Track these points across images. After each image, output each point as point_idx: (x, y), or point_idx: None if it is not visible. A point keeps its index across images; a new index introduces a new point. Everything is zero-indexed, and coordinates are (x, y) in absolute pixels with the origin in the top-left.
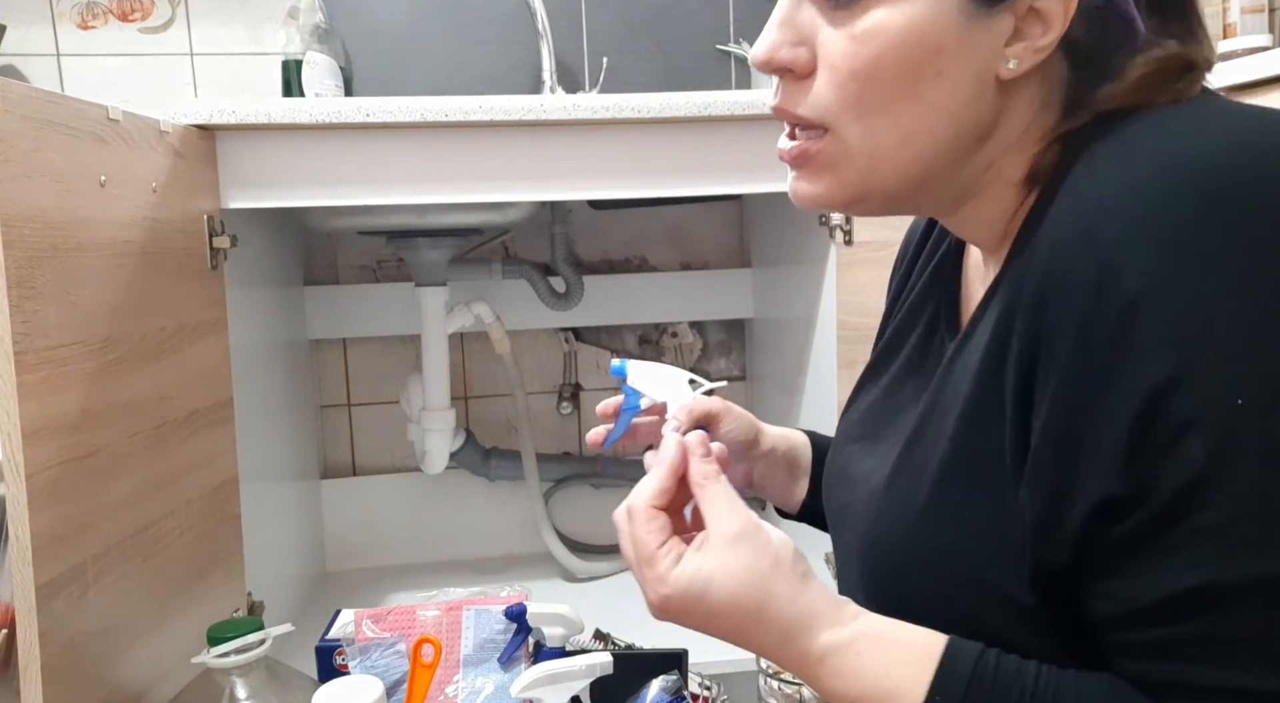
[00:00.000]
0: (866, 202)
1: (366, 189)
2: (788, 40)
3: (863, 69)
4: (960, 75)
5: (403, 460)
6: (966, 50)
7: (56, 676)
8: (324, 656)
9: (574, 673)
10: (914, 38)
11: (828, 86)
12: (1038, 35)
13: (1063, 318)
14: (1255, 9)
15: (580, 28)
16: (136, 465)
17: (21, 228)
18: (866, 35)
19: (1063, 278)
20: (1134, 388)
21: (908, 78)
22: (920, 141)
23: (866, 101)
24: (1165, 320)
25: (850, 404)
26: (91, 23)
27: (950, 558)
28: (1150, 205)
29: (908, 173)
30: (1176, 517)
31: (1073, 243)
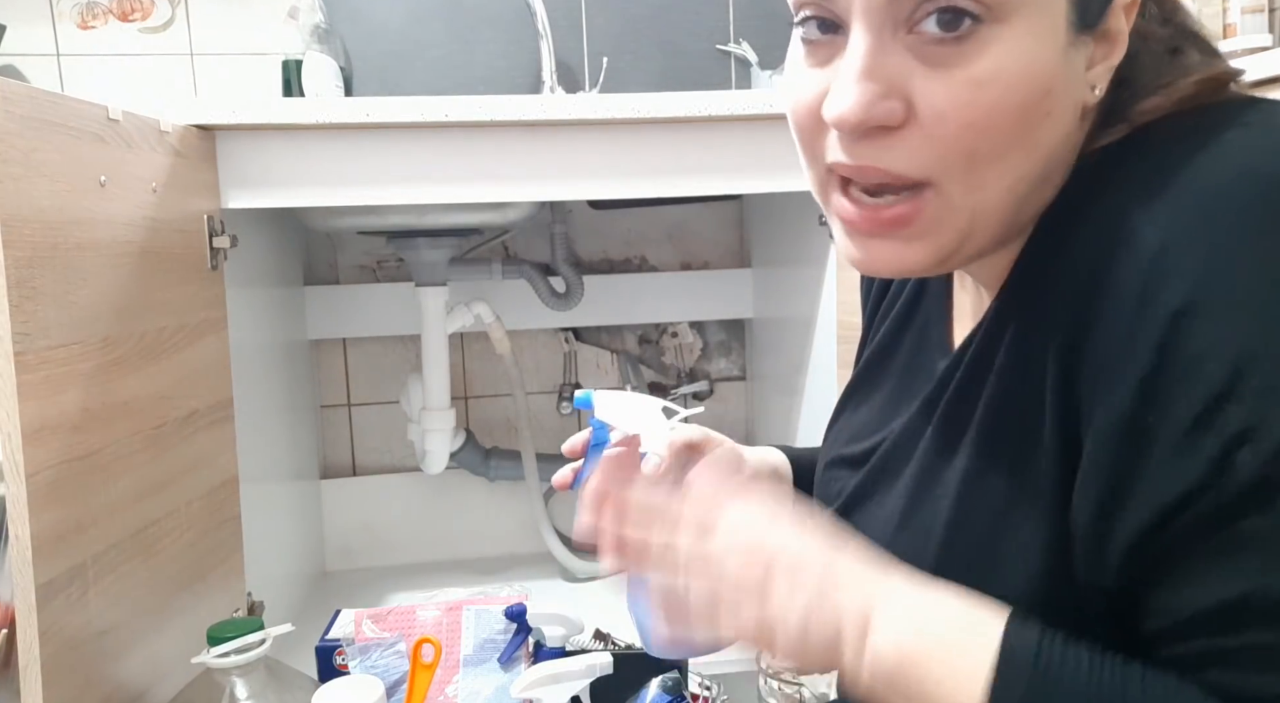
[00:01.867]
0: (954, 259)
1: (366, 189)
2: (879, 92)
3: (981, 119)
4: (1063, 112)
5: (403, 460)
6: (1068, 84)
7: (56, 676)
8: (324, 656)
9: (574, 673)
10: (1030, 80)
11: (933, 140)
12: (1107, 55)
13: (1108, 330)
14: (1255, 9)
15: (580, 28)
16: (136, 465)
17: (21, 228)
18: (982, 82)
19: (1105, 290)
20: (1186, 399)
21: (1023, 123)
22: (1024, 184)
23: (980, 153)
24: (1216, 328)
25: (835, 421)
26: (91, 23)
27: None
28: (1193, 212)
29: (1005, 219)
30: (1224, 526)
31: (1114, 252)
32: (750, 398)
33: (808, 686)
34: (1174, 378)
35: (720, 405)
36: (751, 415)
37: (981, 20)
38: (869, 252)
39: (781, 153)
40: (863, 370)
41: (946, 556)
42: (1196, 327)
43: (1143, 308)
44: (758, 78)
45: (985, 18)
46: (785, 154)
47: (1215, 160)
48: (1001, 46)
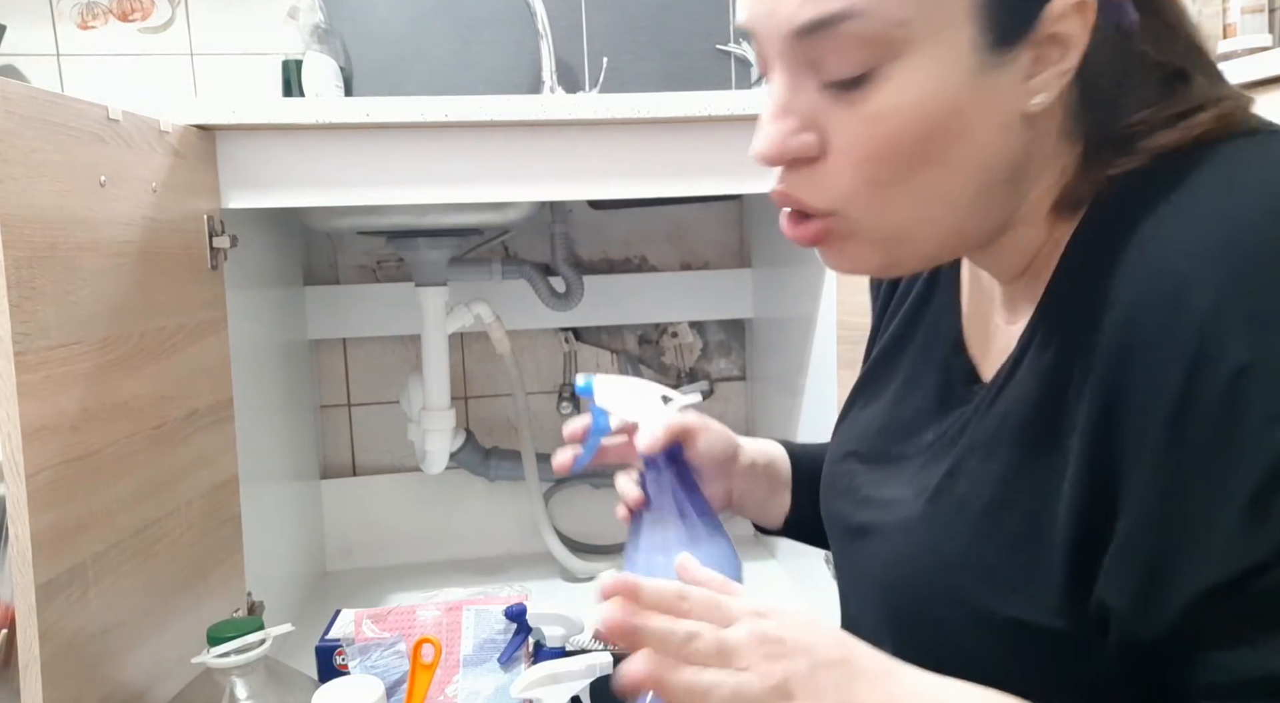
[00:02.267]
0: (902, 264)
1: (366, 189)
2: (791, 128)
3: (881, 150)
4: (983, 128)
5: (403, 460)
6: (986, 101)
7: (56, 676)
8: (324, 656)
9: (574, 673)
10: (930, 107)
11: (841, 172)
12: (1058, 59)
13: (1156, 390)
14: (1255, 9)
15: (580, 28)
16: (136, 465)
17: (21, 228)
18: (880, 115)
19: (1154, 343)
20: (1250, 465)
21: (927, 147)
22: (948, 201)
23: (883, 180)
24: (1276, 391)
25: (845, 416)
26: (91, 23)
27: (984, 613)
28: (1244, 273)
29: (940, 232)
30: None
31: (1161, 307)
32: (750, 398)
33: None
34: (1235, 441)
35: (720, 405)
36: (751, 415)
37: (879, 65)
38: (827, 260)
39: None
40: (873, 366)
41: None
42: (1256, 392)
43: (1200, 373)
44: (758, 78)
45: (881, 62)
46: None
47: (1256, 208)
48: (899, 81)
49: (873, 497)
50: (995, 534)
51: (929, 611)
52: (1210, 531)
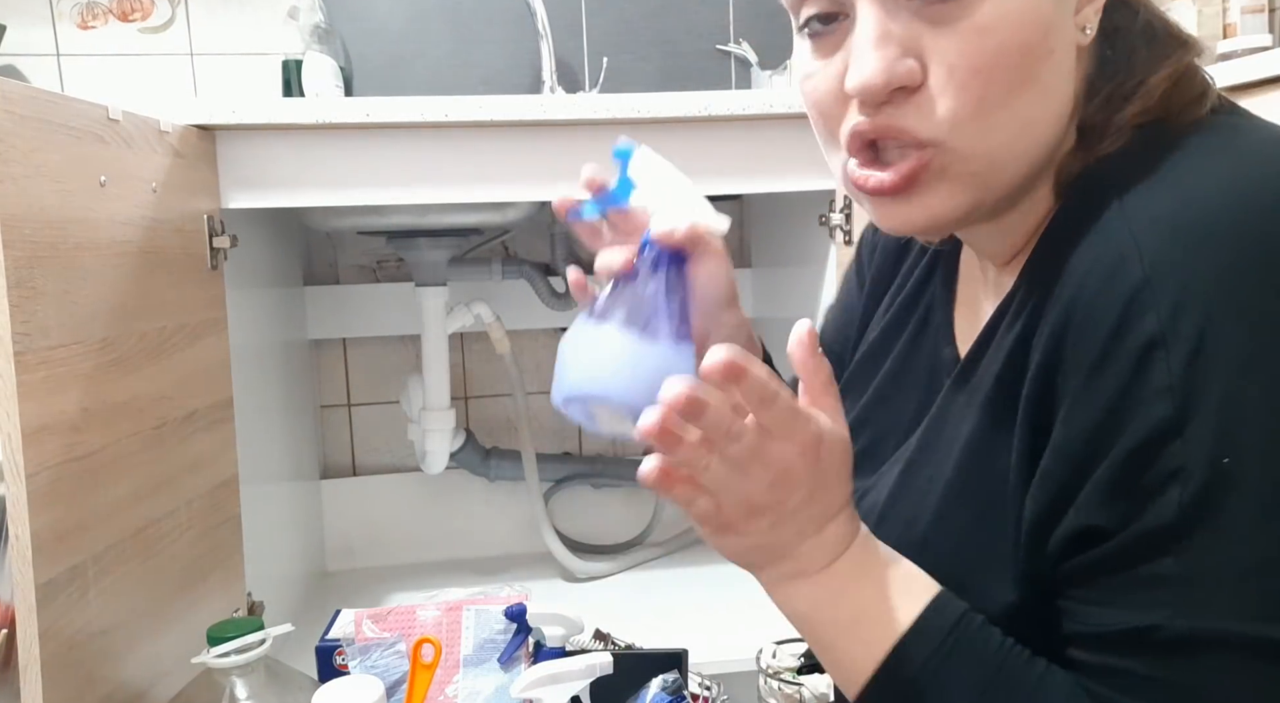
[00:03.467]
0: (979, 208)
1: (366, 189)
2: (895, 54)
3: (988, 63)
4: (1062, 49)
5: (403, 460)
6: (1063, 21)
7: (56, 676)
8: (324, 656)
9: (574, 673)
10: (1029, 20)
11: (947, 92)
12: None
13: (1082, 349)
14: (1255, 9)
15: (580, 28)
16: (136, 465)
17: (21, 228)
18: (986, 27)
19: (1087, 313)
20: (1135, 428)
21: (1028, 63)
22: (1036, 129)
23: (990, 98)
24: (1174, 368)
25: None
26: (91, 23)
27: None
28: (1180, 250)
29: (1024, 166)
30: (1140, 558)
31: (1100, 279)
32: None
33: (808, 686)
34: (1129, 409)
35: None
36: None
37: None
38: (895, 210)
39: (781, 153)
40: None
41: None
42: (1156, 364)
43: (1117, 339)
44: (758, 78)
45: None
46: (785, 154)
47: (1206, 197)
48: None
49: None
50: (956, 515)
51: None
52: (1093, 480)
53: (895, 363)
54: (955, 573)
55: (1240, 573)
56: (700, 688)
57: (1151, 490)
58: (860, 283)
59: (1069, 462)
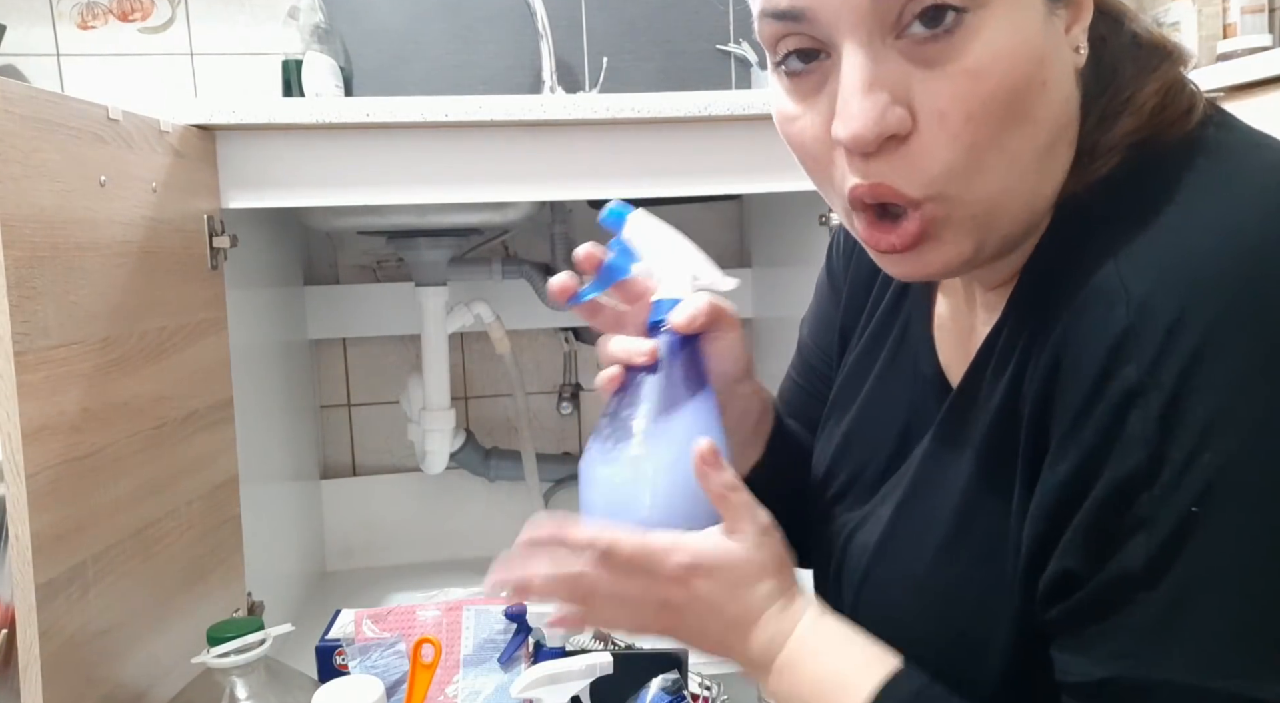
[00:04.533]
0: (986, 249)
1: (366, 189)
2: (885, 102)
3: (980, 109)
4: (1058, 78)
5: (403, 460)
6: (1056, 49)
7: (56, 676)
8: (324, 656)
9: (574, 673)
10: (1022, 56)
11: (939, 141)
12: (1078, 18)
13: (1068, 397)
14: (1255, 9)
15: (580, 28)
16: (136, 465)
17: (21, 228)
18: (978, 71)
19: (1075, 358)
20: (1109, 476)
21: (1023, 101)
22: (1029, 164)
23: (981, 142)
24: (1149, 418)
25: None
26: (91, 23)
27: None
28: (1167, 296)
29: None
30: (1106, 607)
31: (1087, 323)
32: None
33: None
34: (1106, 457)
35: None
36: None
37: (965, 10)
38: (907, 264)
39: (782, 153)
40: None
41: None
42: (1134, 413)
43: (1099, 386)
44: (758, 78)
45: (968, 7)
46: (785, 154)
47: (1197, 241)
48: (988, 31)
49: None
50: (961, 552)
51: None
52: (1071, 526)
53: (875, 383)
54: (955, 617)
55: (1207, 624)
56: (700, 688)
57: (1120, 538)
58: (835, 292)
59: (1052, 507)
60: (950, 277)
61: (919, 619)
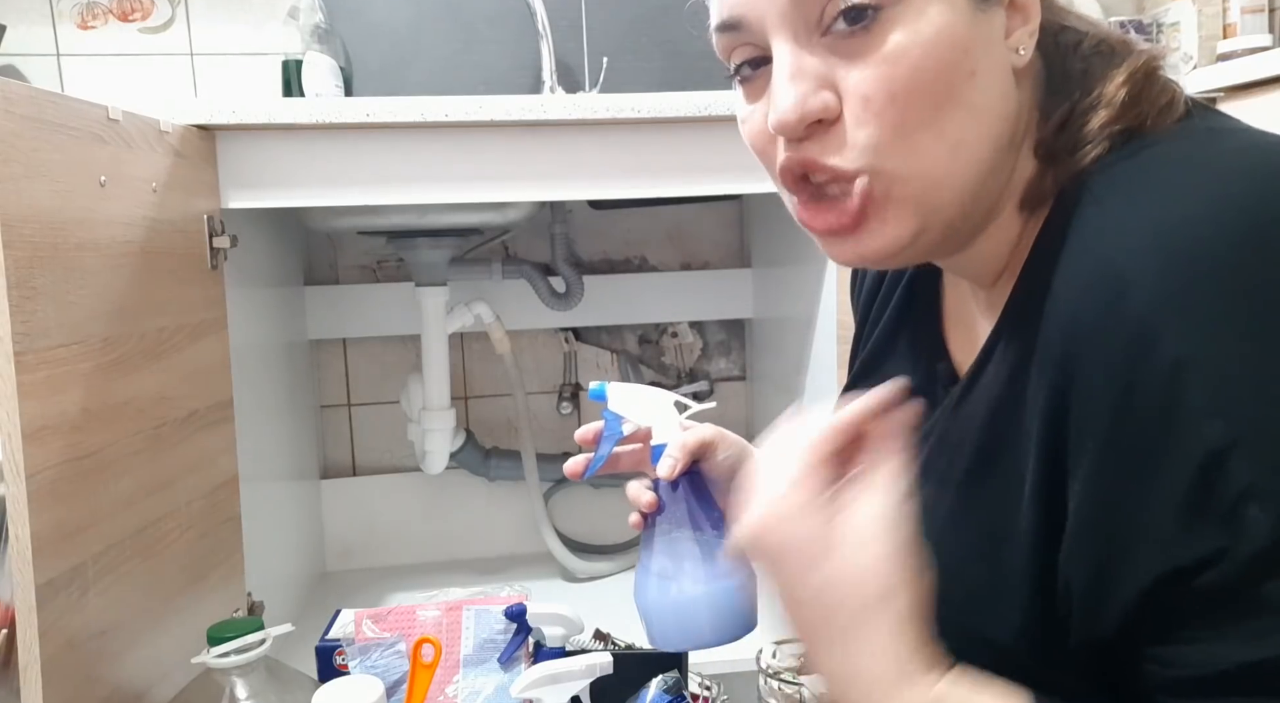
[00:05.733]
0: (927, 233)
1: (366, 189)
2: (810, 88)
3: (902, 90)
4: (988, 71)
5: (403, 460)
6: (986, 44)
7: (56, 676)
8: (324, 656)
9: (574, 673)
10: (941, 42)
11: (863, 122)
12: (1025, 22)
13: (1097, 387)
14: (1255, 9)
15: (580, 28)
16: (136, 465)
17: (21, 228)
18: (896, 54)
19: (1093, 342)
20: (1185, 458)
21: (946, 85)
22: (968, 149)
23: (910, 122)
24: (1211, 386)
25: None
26: (91, 23)
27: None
28: (1182, 269)
29: (964, 188)
30: (1244, 586)
31: (1101, 308)
32: (750, 398)
33: (807, 686)
34: (1171, 435)
35: (720, 405)
36: (751, 415)
37: (882, 7)
38: (846, 247)
39: None
40: (857, 376)
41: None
42: (1190, 386)
43: (1137, 368)
44: None
45: (884, 4)
46: None
47: (1191, 207)
48: (906, 22)
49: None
50: (958, 544)
51: None
52: (1149, 527)
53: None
54: (957, 604)
55: None
56: (700, 688)
57: (1227, 516)
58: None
59: (1110, 511)
60: (890, 264)
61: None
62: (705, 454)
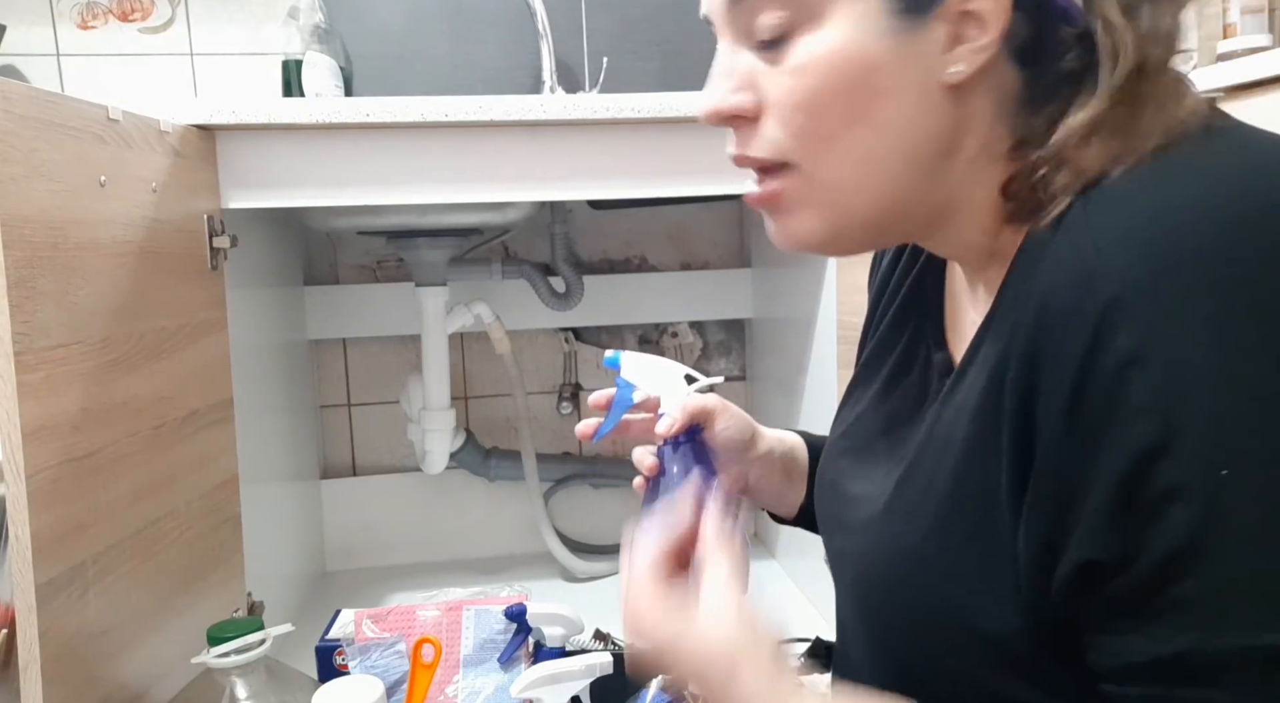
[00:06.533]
0: (846, 235)
1: (366, 189)
2: (730, 88)
3: (804, 101)
4: (902, 89)
5: (403, 460)
6: (904, 63)
7: (56, 676)
8: (324, 656)
9: (574, 673)
10: (845, 61)
11: (776, 124)
12: (976, 37)
13: (1057, 373)
14: (1255, 9)
15: (580, 28)
16: (136, 465)
17: (21, 228)
18: (800, 68)
19: (1059, 332)
20: (1120, 451)
21: (849, 102)
22: (879, 164)
23: (817, 133)
24: (1155, 384)
25: (840, 415)
26: (91, 23)
27: (943, 606)
28: (1150, 263)
29: (878, 198)
30: (1159, 584)
31: (1070, 296)
32: (750, 398)
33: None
34: (1112, 428)
35: None
36: (751, 415)
37: (793, 25)
38: (770, 228)
39: None
40: (865, 363)
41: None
42: (1136, 380)
43: (1092, 358)
44: None
45: (795, 23)
46: None
47: (1176, 208)
48: (816, 42)
49: (850, 493)
50: (951, 530)
51: (895, 609)
52: (1081, 517)
53: (895, 364)
54: (951, 591)
55: (1265, 582)
56: None
57: (1151, 514)
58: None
59: (1056, 495)
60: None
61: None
62: (706, 422)
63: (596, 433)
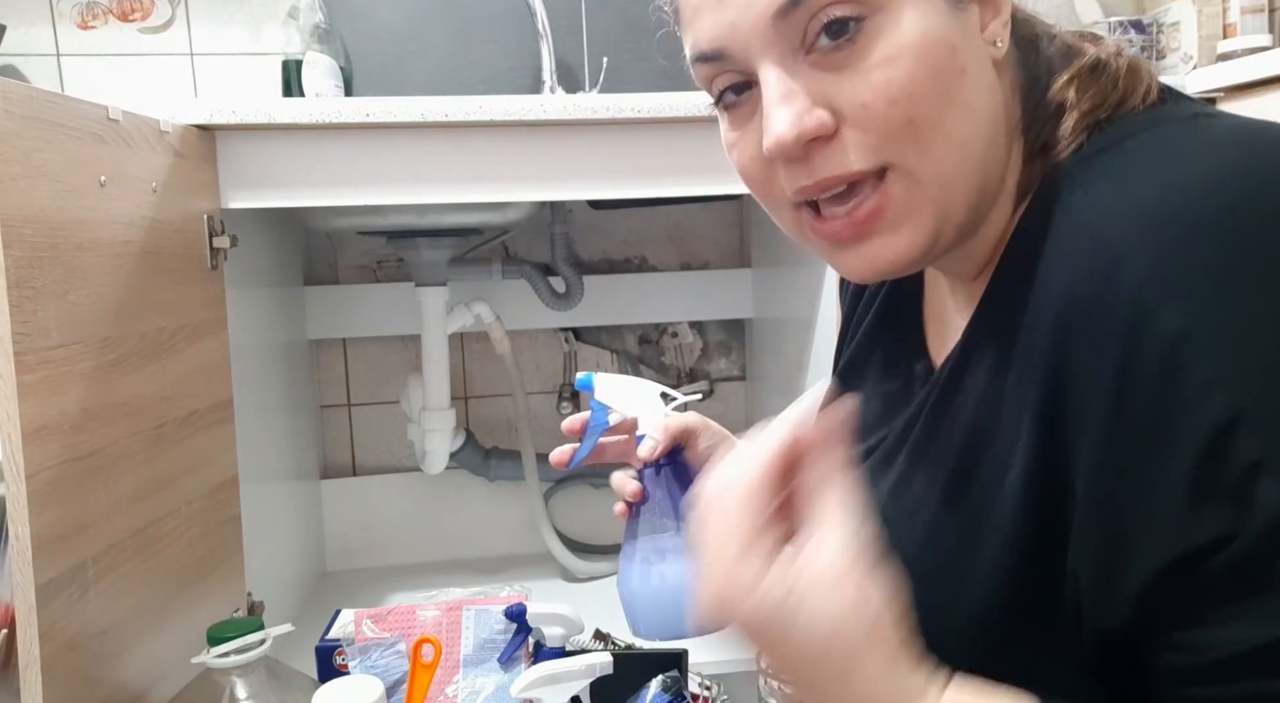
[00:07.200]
0: (940, 240)
1: (366, 189)
2: (803, 108)
3: (902, 92)
4: (975, 68)
5: (403, 460)
6: (970, 42)
7: (56, 676)
8: (324, 656)
9: (574, 673)
10: (934, 44)
11: (863, 130)
12: (997, 14)
13: (1096, 369)
14: (1255, 9)
15: (580, 28)
16: (136, 465)
17: (21, 228)
18: (889, 59)
19: (1089, 323)
20: (1190, 436)
21: (944, 85)
22: (972, 146)
23: (917, 123)
24: (1212, 357)
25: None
26: (91, 23)
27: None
28: (1176, 233)
29: (971, 187)
30: (1260, 562)
31: (1095, 283)
32: (750, 398)
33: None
34: (1173, 413)
35: (720, 405)
36: (751, 415)
37: (863, 18)
38: (861, 256)
39: None
40: (843, 373)
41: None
42: (1191, 361)
43: (1135, 345)
44: None
45: (865, 14)
46: None
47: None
48: (890, 30)
49: None
50: (946, 535)
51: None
52: (1157, 510)
53: (875, 375)
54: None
55: None
56: (700, 688)
57: (1238, 492)
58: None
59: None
60: (900, 273)
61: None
62: (688, 441)
63: (572, 459)
